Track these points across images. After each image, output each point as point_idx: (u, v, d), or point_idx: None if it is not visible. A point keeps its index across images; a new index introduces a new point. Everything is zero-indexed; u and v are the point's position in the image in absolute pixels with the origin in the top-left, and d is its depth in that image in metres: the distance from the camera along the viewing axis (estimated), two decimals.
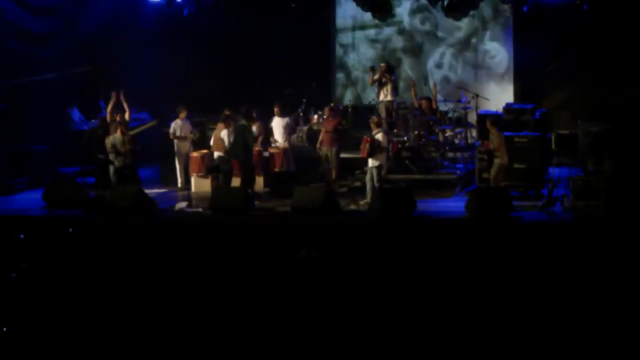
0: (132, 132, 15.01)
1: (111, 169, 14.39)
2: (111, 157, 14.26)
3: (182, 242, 11.54)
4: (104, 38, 16.63)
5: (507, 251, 11.06)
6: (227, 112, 14.44)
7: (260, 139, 14.97)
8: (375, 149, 13.62)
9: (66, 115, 16.17)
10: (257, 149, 15.17)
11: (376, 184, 13.63)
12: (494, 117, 14.20)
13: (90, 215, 13.24)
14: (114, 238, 11.90)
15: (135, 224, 12.69)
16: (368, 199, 13.54)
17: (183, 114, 15.35)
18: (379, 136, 13.74)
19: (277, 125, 15.46)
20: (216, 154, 14.30)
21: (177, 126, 15.32)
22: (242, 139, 13.75)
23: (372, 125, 13.93)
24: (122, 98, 15.06)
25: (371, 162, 13.71)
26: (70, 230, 11.90)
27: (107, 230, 12.44)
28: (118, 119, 14.59)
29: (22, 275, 9.77)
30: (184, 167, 15.47)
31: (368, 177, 13.76)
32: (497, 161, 13.50)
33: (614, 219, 12.09)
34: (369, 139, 13.63)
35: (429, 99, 16.03)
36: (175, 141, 15.35)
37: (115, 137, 14.27)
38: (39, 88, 15.57)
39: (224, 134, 14.15)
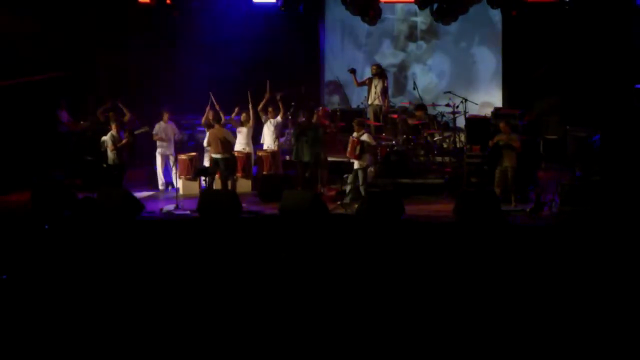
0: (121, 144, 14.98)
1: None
2: (110, 153, 14.38)
3: (169, 245, 11.52)
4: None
5: (495, 254, 11.10)
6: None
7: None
8: (363, 150, 13.64)
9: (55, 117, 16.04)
10: (246, 151, 15.23)
11: (361, 186, 13.65)
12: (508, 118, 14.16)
13: (77, 216, 13.16)
14: (100, 240, 11.85)
15: (121, 226, 12.65)
16: (348, 199, 13.61)
17: (166, 117, 15.37)
18: (365, 137, 13.74)
19: (268, 127, 15.42)
20: (219, 156, 14.32)
21: (160, 128, 15.35)
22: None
23: (356, 127, 13.89)
24: (120, 104, 15.13)
25: (358, 164, 13.71)
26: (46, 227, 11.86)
27: (94, 232, 12.37)
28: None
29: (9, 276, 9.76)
30: (165, 169, 15.50)
31: (352, 178, 13.77)
32: (509, 164, 13.47)
33: (601, 224, 12.11)
34: (356, 140, 13.63)
35: (422, 107, 16.15)
36: (158, 143, 15.36)
37: (111, 134, 14.40)
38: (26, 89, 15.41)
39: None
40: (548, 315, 8.62)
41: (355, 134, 13.79)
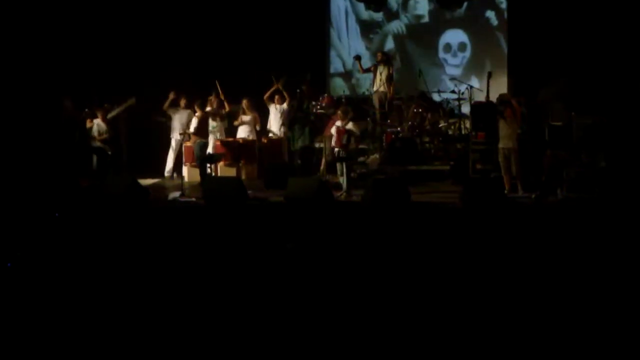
0: (111, 114, 15.09)
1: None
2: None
3: (175, 232, 11.49)
4: None
5: (500, 239, 11.09)
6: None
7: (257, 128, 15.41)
8: (350, 140, 13.70)
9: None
10: (252, 138, 15.38)
11: (340, 177, 13.81)
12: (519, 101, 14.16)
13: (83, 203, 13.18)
14: (107, 226, 11.89)
15: (128, 212, 12.65)
16: (345, 189, 13.63)
17: (183, 102, 15.56)
18: (350, 126, 13.77)
19: (274, 114, 15.52)
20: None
21: (175, 115, 15.56)
22: None
23: (341, 116, 13.85)
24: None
25: (344, 152, 13.73)
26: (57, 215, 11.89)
27: (100, 218, 12.39)
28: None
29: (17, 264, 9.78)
30: (179, 157, 15.70)
31: (339, 169, 13.86)
32: (509, 147, 13.51)
33: (607, 210, 12.10)
34: (342, 129, 13.66)
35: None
36: (174, 131, 15.59)
37: (98, 124, 14.72)
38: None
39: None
40: (549, 300, 8.55)
41: (340, 123, 13.78)
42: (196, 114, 14.95)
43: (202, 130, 14.97)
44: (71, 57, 15.38)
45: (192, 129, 15.01)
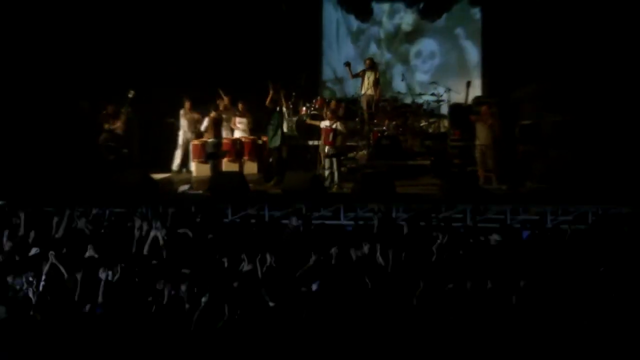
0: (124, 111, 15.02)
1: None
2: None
3: (184, 222, 11.42)
4: None
5: (474, 224, 11.38)
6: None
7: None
8: (336, 137, 13.75)
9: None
10: (251, 137, 15.35)
11: (335, 171, 13.74)
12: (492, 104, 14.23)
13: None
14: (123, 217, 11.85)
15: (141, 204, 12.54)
16: (336, 182, 13.64)
17: (188, 104, 15.49)
18: (338, 125, 13.83)
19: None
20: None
21: (182, 116, 15.48)
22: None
23: (330, 115, 13.91)
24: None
25: (332, 150, 13.77)
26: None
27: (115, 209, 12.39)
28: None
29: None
30: (185, 153, 15.63)
31: (329, 163, 13.86)
32: (485, 144, 13.54)
33: (573, 199, 12.22)
34: (330, 128, 13.69)
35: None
36: (180, 130, 15.55)
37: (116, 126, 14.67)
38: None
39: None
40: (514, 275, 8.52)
41: (328, 123, 13.80)
42: (210, 115, 14.89)
43: (215, 129, 14.93)
44: (89, 64, 15.21)
45: (203, 128, 15.04)
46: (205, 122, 14.95)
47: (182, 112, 15.58)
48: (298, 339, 7.15)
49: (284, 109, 15.17)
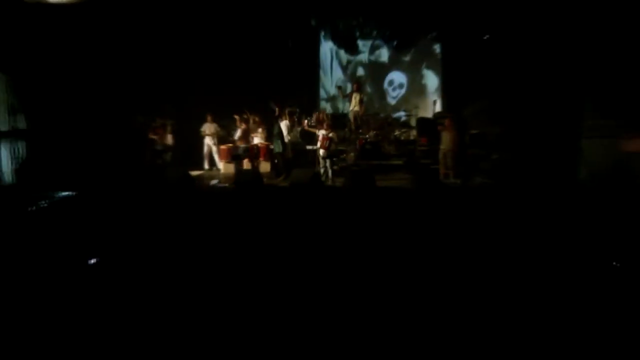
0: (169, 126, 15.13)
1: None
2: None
3: (214, 208, 11.54)
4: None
5: (436, 209, 11.12)
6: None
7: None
8: (331, 144, 13.81)
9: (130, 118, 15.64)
10: (266, 144, 15.46)
11: (330, 169, 13.77)
12: (452, 117, 14.10)
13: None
14: (166, 205, 11.82)
15: (180, 195, 12.46)
16: (330, 178, 13.69)
17: (210, 118, 15.57)
18: (332, 134, 13.87)
19: (283, 126, 15.61)
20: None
21: (205, 127, 15.53)
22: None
23: (326, 126, 13.92)
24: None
25: (326, 153, 13.81)
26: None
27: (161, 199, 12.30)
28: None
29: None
30: (210, 155, 15.72)
31: (323, 163, 13.86)
32: (447, 148, 13.51)
33: (513, 191, 12.24)
34: (326, 137, 13.72)
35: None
36: (205, 137, 15.63)
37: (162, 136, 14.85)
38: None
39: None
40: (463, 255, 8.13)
41: (324, 132, 13.84)
42: (241, 127, 14.91)
43: (245, 138, 15.06)
44: (143, 89, 15.23)
45: (236, 137, 15.06)
46: (239, 133, 15.05)
47: (206, 124, 15.69)
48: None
49: (288, 123, 15.23)
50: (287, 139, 15.41)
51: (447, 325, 6.16)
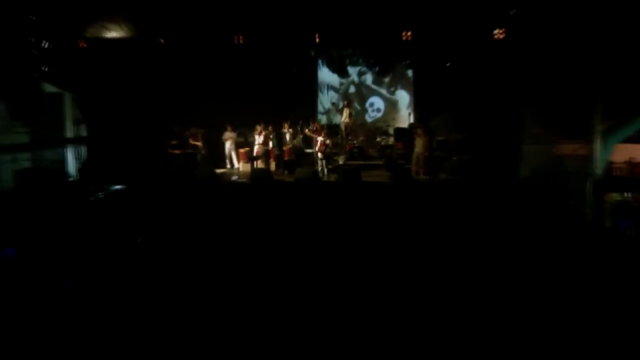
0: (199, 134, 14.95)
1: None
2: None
3: (235, 198, 11.55)
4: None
5: (411, 199, 11.24)
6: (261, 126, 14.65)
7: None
8: (327, 147, 13.78)
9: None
10: (273, 148, 15.33)
11: (326, 167, 13.69)
12: (423, 127, 13.94)
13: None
14: (195, 197, 11.82)
15: (210, 188, 12.62)
16: (326, 175, 13.56)
17: (229, 127, 15.47)
18: (328, 140, 13.86)
19: (287, 135, 15.64)
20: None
21: (226, 135, 15.48)
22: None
23: (323, 134, 13.90)
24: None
25: (322, 155, 13.75)
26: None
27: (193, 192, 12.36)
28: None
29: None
30: (230, 157, 15.57)
31: (320, 163, 13.82)
32: (420, 151, 13.37)
33: (469, 185, 12.23)
34: (323, 142, 13.68)
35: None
36: (226, 141, 15.52)
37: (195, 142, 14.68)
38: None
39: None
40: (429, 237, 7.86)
41: (321, 138, 13.79)
42: (262, 134, 14.65)
43: (265, 143, 14.88)
44: (178, 103, 15.05)
45: (260, 142, 14.71)
46: (261, 138, 14.77)
47: (226, 132, 15.51)
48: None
49: (290, 131, 15.11)
50: (291, 144, 15.48)
51: (416, 287, 6.07)
